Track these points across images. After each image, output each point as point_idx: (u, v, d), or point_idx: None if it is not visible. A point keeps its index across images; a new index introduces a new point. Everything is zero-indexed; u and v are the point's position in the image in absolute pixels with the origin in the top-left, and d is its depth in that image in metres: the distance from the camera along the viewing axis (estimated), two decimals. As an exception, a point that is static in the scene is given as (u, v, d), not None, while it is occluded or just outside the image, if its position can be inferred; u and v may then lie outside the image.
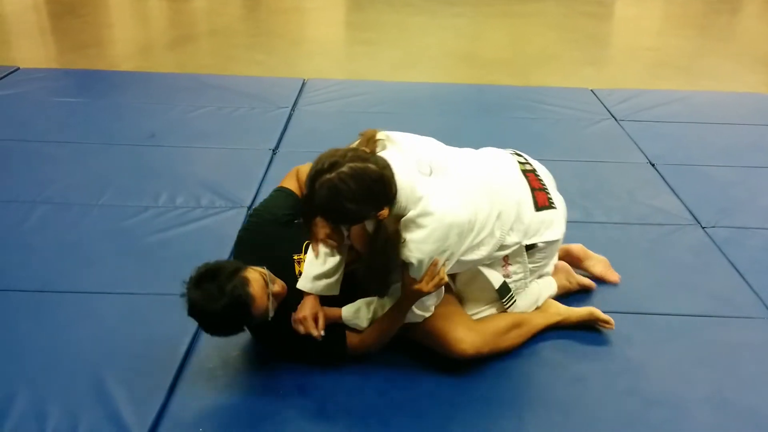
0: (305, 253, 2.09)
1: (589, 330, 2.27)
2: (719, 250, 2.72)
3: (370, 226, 1.88)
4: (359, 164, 1.74)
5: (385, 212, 1.80)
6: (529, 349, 2.18)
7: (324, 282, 1.99)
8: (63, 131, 3.69)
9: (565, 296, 2.39)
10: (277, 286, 1.93)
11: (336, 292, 2.02)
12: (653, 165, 3.47)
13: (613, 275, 2.52)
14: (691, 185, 3.24)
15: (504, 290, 2.12)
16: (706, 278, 2.56)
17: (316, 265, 1.99)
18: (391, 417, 1.90)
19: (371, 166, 1.76)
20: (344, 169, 1.72)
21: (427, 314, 2.00)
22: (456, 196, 1.90)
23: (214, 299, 1.81)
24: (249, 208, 2.94)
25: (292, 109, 4.07)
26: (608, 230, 2.87)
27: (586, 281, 2.45)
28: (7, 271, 2.48)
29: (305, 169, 2.20)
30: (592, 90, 4.52)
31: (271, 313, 1.91)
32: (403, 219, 1.84)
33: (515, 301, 2.17)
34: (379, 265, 1.89)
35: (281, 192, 2.25)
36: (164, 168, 3.29)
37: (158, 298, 2.35)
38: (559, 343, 2.21)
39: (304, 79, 4.59)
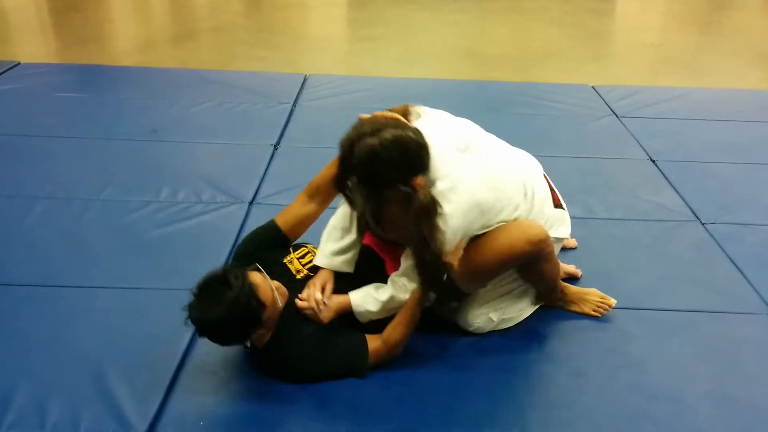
0: (294, 252, 2.14)
1: (590, 325, 2.27)
2: (719, 247, 2.72)
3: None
4: (400, 131, 1.80)
5: (420, 181, 1.82)
6: (530, 343, 2.19)
7: (340, 258, 2.03)
8: (64, 126, 3.70)
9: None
10: (274, 282, 1.93)
11: (351, 269, 2.04)
12: (654, 161, 3.47)
13: (571, 242, 2.64)
14: (692, 182, 3.24)
15: None
16: (706, 274, 2.56)
17: (332, 242, 2.03)
18: (393, 411, 1.90)
19: (411, 134, 1.82)
20: (386, 134, 1.78)
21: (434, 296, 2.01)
22: (487, 175, 1.92)
23: (218, 307, 1.79)
24: (250, 203, 2.95)
25: (294, 105, 4.07)
26: (609, 226, 2.87)
27: (572, 269, 2.49)
28: (9, 266, 2.49)
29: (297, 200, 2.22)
30: (593, 86, 4.51)
31: (281, 304, 1.90)
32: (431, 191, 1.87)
33: None
34: (422, 239, 1.84)
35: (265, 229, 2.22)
36: (166, 163, 3.29)
37: (160, 293, 2.35)
38: (560, 338, 2.22)
39: (306, 75, 4.59)
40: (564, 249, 2.63)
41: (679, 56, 5.65)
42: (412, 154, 1.81)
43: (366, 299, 2.02)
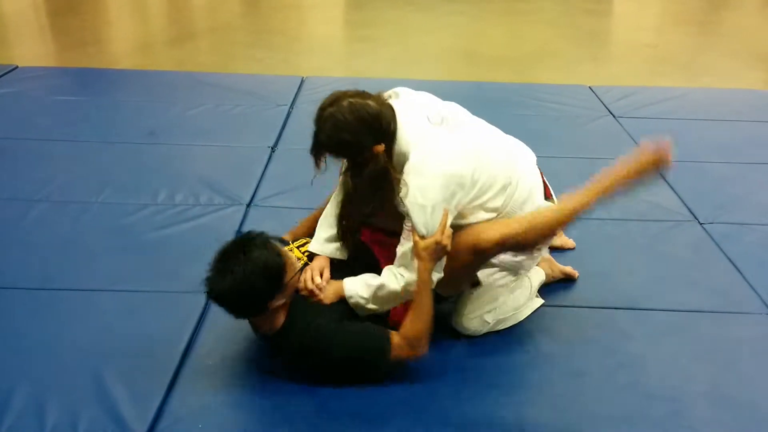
0: (292, 242, 2.16)
1: (588, 325, 2.28)
2: (717, 246, 2.72)
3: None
4: (359, 99, 1.88)
5: (380, 147, 1.88)
6: (528, 344, 2.19)
7: (334, 245, 2.06)
8: (62, 129, 3.69)
9: (549, 285, 2.44)
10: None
11: (344, 256, 2.06)
12: (652, 161, 3.47)
13: (569, 242, 2.66)
14: (689, 181, 3.24)
15: None
16: (704, 274, 2.57)
17: (325, 229, 2.07)
18: (392, 413, 1.90)
19: (370, 102, 1.88)
20: (344, 103, 1.87)
21: (437, 278, 1.96)
22: (462, 147, 1.93)
23: (244, 264, 1.80)
24: (248, 205, 2.95)
25: (291, 107, 4.07)
26: (607, 226, 2.87)
27: (569, 269, 2.49)
28: (6, 269, 2.49)
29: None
30: (590, 87, 4.52)
31: (300, 278, 1.90)
32: (405, 166, 1.89)
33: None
34: (364, 200, 1.93)
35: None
36: (163, 165, 3.29)
37: (157, 295, 2.35)
38: (558, 338, 2.22)
39: (303, 77, 4.59)
40: (562, 249, 2.64)
41: (676, 57, 5.66)
42: (371, 121, 1.85)
43: (358, 285, 1.99)
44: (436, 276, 1.96)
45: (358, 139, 1.86)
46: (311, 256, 2.10)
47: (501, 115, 3.99)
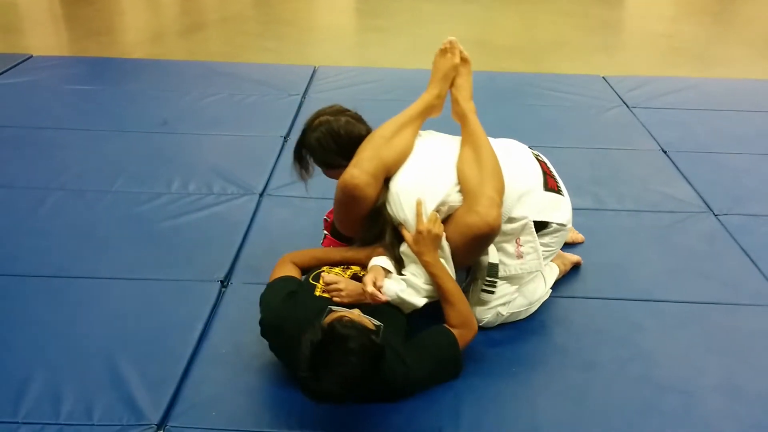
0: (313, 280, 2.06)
1: (601, 317, 2.28)
2: (732, 238, 2.71)
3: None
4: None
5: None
6: (540, 335, 2.19)
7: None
8: (76, 118, 3.71)
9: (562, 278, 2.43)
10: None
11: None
12: (665, 152, 3.46)
13: (579, 236, 2.66)
14: (704, 172, 3.22)
15: (493, 270, 2.10)
16: (718, 266, 2.55)
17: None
18: (404, 401, 1.90)
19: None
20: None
21: (446, 259, 2.02)
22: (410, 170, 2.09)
23: (348, 360, 1.65)
24: (260, 194, 2.96)
25: (303, 97, 4.07)
26: (620, 217, 2.87)
27: (576, 258, 2.51)
28: (22, 257, 2.51)
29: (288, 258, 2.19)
30: (604, 77, 4.49)
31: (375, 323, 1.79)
32: None
33: (494, 291, 2.13)
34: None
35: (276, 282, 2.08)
36: (177, 155, 3.31)
37: (172, 284, 2.37)
38: (570, 330, 2.22)
39: (315, 67, 4.59)
40: (573, 244, 2.62)
41: (690, 46, 5.61)
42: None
43: (396, 286, 1.99)
44: (450, 269, 1.99)
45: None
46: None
47: (514, 106, 4.02)
